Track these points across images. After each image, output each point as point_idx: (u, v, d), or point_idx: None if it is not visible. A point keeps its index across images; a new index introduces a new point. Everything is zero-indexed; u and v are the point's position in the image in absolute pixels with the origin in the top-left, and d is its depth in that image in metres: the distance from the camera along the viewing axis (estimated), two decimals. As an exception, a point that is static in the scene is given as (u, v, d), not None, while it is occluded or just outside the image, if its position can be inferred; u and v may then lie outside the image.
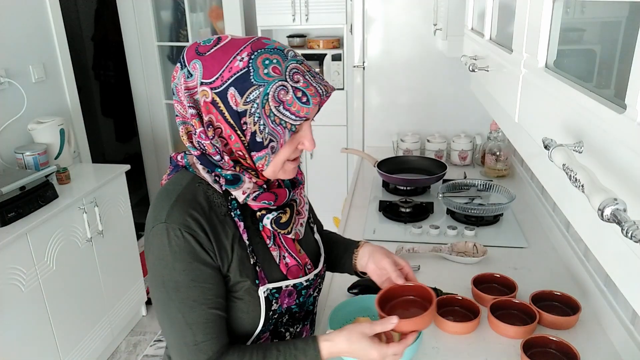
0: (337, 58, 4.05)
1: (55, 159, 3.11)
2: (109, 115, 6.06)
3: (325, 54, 4.05)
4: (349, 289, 1.83)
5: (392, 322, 1.24)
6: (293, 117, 1.13)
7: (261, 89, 1.10)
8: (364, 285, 1.81)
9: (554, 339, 1.49)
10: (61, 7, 3.39)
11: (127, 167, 3.36)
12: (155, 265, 1.17)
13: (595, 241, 0.70)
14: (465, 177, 2.86)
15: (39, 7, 3.22)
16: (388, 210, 2.48)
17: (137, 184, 5.18)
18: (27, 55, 3.13)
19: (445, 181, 2.67)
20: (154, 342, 3.49)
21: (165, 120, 4.76)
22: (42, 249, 2.63)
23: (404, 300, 1.41)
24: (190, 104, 1.17)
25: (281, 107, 1.11)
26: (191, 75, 1.16)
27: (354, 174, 3.13)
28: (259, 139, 1.14)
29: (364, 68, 3.45)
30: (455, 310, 1.72)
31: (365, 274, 1.51)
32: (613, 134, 0.62)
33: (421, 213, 2.45)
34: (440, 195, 2.45)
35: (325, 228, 1.68)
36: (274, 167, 1.21)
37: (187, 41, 4.43)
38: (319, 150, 4.22)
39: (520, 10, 1.08)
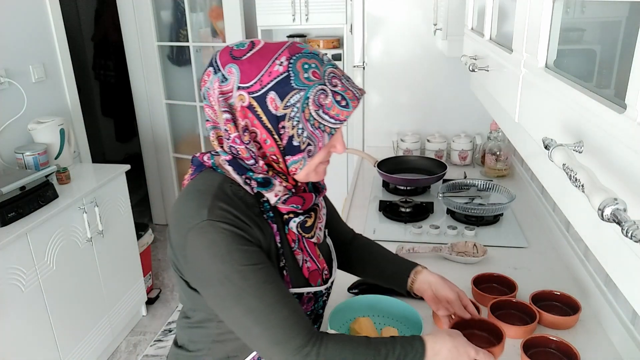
0: (337, 58, 4.04)
1: (55, 159, 3.11)
2: (109, 115, 6.06)
3: (325, 54, 4.04)
4: (349, 289, 1.83)
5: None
6: (332, 120, 1.14)
7: (302, 93, 1.11)
8: (364, 285, 1.81)
9: (554, 338, 1.49)
10: (61, 7, 3.39)
11: (127, 167, 3.36)
12: (211, 263, 1.13)
13: (596, 241, 0.70)
14: (465, 177, 2.85)
15: (39, 7, 3.22)
16: (388, 210, 2.48)
17: (137, 184, 5.19)
18: (27, 55, 3.13)
19: (445, 181, 2.67)
20: (154, 342, 3.49)
21: (165, 120, 4.75)
22: (42, 249, 2.63)
23: (469, 334, 1.47)
24: (225, 109, 1.16)
25: (320, 111, 1.13)
26: (226, 79, 1.15)
27: (354, 174, 3.13)
28: (295, 143, 1.15)
29: (364, 68, 3.45)
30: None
31: (417, 295, 1.55)
32: (613, 134, 0.62)
33: (421, 213, 2.45)
34: (440, 195, 2.45)
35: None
36: (307, 170, 1.22)
37: (187, 41, 4.43)
38: (319, 150, 4.21)
39: (520, 10, 1.08)
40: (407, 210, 2.45)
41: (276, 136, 1.15)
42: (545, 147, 0.72)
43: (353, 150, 3.11)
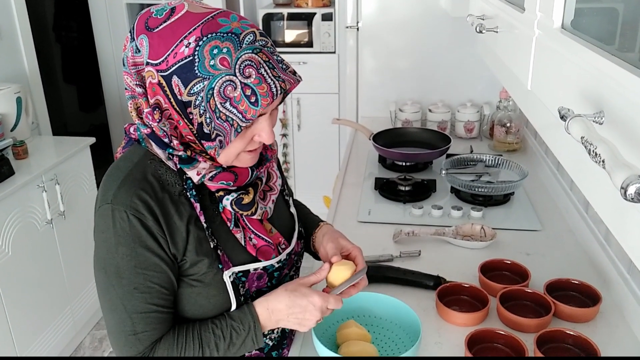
0: (327, 18, 4.02)
1: (11, 131, 3.09)
2: (71, 82, 6.02)
3: (315, 14, 4.02)
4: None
5: (324, 269, 1.35)
6: (240, 116, 1.12)
7: (206, 83, 1.11)
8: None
9: (571, 333, 1.50)
10: (15, -41, 3.35)
11: (92, 139, 3.35)
12: (99, 247, 1.21)
13: (618, 223, 0.70)
14: (471, 152, 2.85)
15: (-10, -41, 3.18)
16: (385, 189, 2.48)
17: (103, 158, 5.14)
18: (-23, 14, 3.09)
19: (449, 156, 2.67)
20: (123, 336, 3.49)
21: (135, 88, 4.73)
22: (-4, 233, 2.63)
23: (493, 347, 1.52)
24: (138, 82, 1.18)
25: (227, 104, 1.11)
26: (139, 51, 1.16)
27: (346, 148, 3.13)
28: (206, 131, 1.16)
29: (357, 29, 3.43)
30: (462, 299, 1.72)
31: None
32: (638, 103, 0.62)
33: (422, 192, 2.45)
34: (443, 171, 2.45)
35: (307, 205, 1.73)
36: (227, 157, 1.23)
37: (159, -2, 4.40)
38: (307, 122, 4.21)
39: (534, -38, 1.07)
40: (407, 188, 2.45)
41: (187, 120, 1.17)
42: (562, 118, 0.72)
43: (346, 122, 3.10)
